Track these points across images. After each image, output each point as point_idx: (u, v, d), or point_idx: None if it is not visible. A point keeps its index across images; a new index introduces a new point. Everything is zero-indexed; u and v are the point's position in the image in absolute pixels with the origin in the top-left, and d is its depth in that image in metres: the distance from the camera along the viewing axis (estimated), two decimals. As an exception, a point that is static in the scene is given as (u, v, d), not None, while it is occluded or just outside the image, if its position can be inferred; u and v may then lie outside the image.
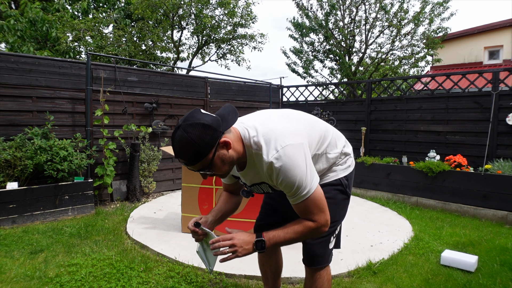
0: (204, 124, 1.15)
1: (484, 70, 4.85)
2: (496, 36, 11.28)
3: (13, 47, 7.31)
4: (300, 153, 1.24)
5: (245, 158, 1.31)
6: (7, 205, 3.47)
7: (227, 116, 1.23)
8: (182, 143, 1.15)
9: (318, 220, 1.29)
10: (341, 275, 2.54)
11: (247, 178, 1.41)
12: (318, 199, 1.28)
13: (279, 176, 1.23)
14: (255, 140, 1.27)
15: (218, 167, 1.24)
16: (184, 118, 1.18)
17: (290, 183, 1.23)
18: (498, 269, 2.67)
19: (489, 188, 4.10)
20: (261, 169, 1.30)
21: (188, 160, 1.18)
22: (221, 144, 1.21)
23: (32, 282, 2.33)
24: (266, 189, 1.42)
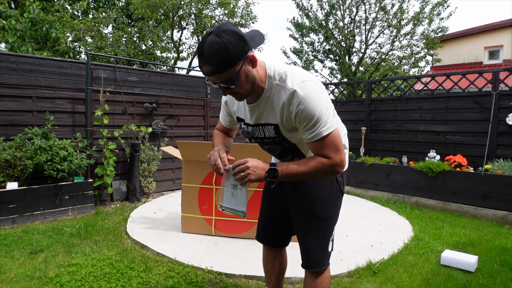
0: (237, 33, 1.11)
1: (484, 70, 4.85)
2: (496, 36, 11.28)
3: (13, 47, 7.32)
4: (322, 91, 1.25)
5: (262, 89, 1.28)
6: (7, 205, 3.47)
7: (254, 37, 1.21)
8: (213, 47, 1.09)
9: (334, 158, 1.25)
10: (341, 275, 2.54)
11: (254, 114, 1.37)
12: (336, 138, 1.25)
13: (300, 104, 1.20)
14: (280, 71, 1.26)
15: (242, 83, 1.19)
16: (216, 26, 1.13)
17: (311, 114, 1.20)
18: (498, 269, 2.67)
19: (489, 188, 4.10)
20: (276, 102, 1.27)
21: (216, 66, 1.11)
22: (248, 59, 1.17)
23: (32, 282, 2.33)
24: (269, 132, 1.37)
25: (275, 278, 1.86)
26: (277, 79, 1.26)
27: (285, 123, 1.30)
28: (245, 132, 1.44)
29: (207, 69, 1.14)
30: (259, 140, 1.46)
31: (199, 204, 3.33)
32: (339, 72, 9.73)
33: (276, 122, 1.33)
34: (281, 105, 1.26)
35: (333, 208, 1.54)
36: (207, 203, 3.31)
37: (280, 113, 1.28)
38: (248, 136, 1.45)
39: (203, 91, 5.97)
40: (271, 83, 1.27)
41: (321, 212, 1.50)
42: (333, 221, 1.55)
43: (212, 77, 1.16)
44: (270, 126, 1.35)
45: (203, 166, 3.27)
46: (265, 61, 1.30)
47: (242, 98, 1.28)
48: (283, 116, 1.28)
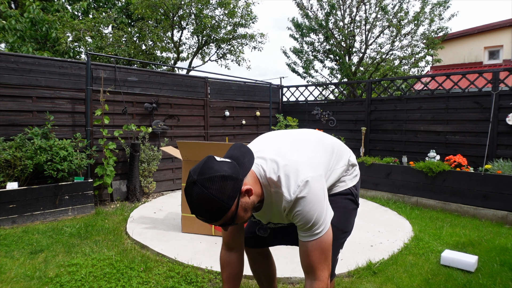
0: (223, 176, 1.05)
1: (484, 70, 4.85)
2: (496, 36, 11.28)
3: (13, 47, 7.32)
4: (320, 186, 1.20)
5: (263, 198, 1.25)
6: (7, 205, 3.47)
7: (243, 159, 1.15)
8: (201, 200, 1.04)
9: (323, 277, 1.22)
10: (341, 275, 2.54)
11: (263, 218, 1.38)
12: (327, 243, 1.23)
13: (298, 212, 1.18)
14: (273, 179, 1.19)
15: (241, 217, 1.16)
16: (199, 172, 1.06)
17: (308, 219, 1.18)
18: (498, 269, 2.67)
19: (489, 188, 4.10)
20: (278, 207, 1.24)
21: (210, 217, 1.07)
22: (243, 193, 1.12)
23: (32, 282, 2.33)
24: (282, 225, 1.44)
25: (266, 281, 1.83)
26: (273, 187, 1.21)
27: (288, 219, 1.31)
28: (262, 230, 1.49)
29: (204, 219, 1.10)
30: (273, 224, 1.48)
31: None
32: (339, 72, 9.73)
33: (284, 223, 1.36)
34: (282, 210, 1.24)
35: (349, 220, 1.55)
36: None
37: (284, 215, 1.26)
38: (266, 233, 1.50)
39: (203, 91, 5.97)
40: (269, 191, 1.23)
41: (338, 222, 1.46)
42: (348, 232, 1.56)
43: (211, 222, 1.13)
44: (280, 224, 1.40)
45: (203, 166, 3.26)
46: (253, 168, 1.22)
47: (246, 222, 1.31)
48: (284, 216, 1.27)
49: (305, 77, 10.01)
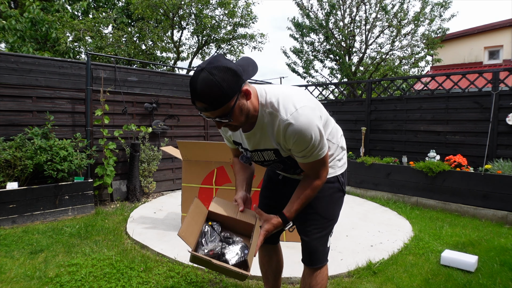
0: (229, 68, 1.10)
1: (484, 70, 4.85)
2: (496, 36, 11.28)
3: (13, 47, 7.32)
4: (316, 114, 1.26)
5: (256, 117, 1.28)
6: (7, 205, 3.47)
7: (248, 68, 1.19)
8: (205, 85, 1.08)
9: (322, 176, 1.37)
10: (341, 275, 2.54)
11: (251, 142, 1.38)
12: (326, 159, 1.34)
13: (296, 135, 1.21)
14: (271, 99, 1.25)
15: (236, 117, 1.19)
16: (208, 62, 1.12)
17: (306, 142, 1.23)
18: (498, 269, 2.67)
19: (489, 188, 4.10)
20: (270, 131, 1.28)
21: (210, 104, 1.11)
22: (242, 93, 1.17)
23: (32, 282, 2.33)
24: (269, 156, 1.40)
25: (272, 278, 1.87)
26: (269, 107, 1.25)
27: (283, 146, 1.33)
28: (244, 157, 1.48)
29: (200, 106, 1.13)
30: (259, 163, 1.48)
31: (199, 204, 3.32)
32: (339, 72, 9.74)
33: (274, 147, 1.35)
34: (276, 133, 1.27)
35: (336, 208, 1.59)
36: (207, 203, 3.31)
37: (276, 139, 1.30)
38: (247, 162, 1.50)
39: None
40: (264, 111, 1.27)
41: (323, 212, 1.54)
42: (334, 220, 1.60)
43: (206, 113, 1.16)
44: (269, 151, 1.38)
45: (203, 166, 3.27)
46: (256, 87, 1.29)
47: (237, 129, 1.29)
48: (280, 142, 1.30)
49: (305, 77, 10.02)
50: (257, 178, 3.17)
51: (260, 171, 3.11)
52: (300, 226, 1.59)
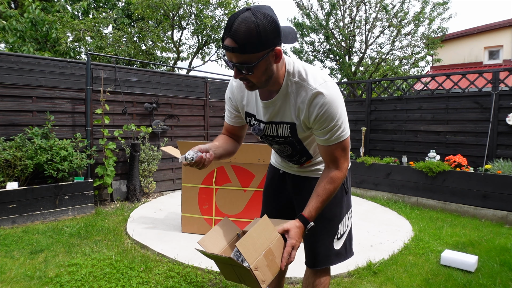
0: (275, 21, 1.04)
1: (484, 70, 4.85)
2: (496, 36, 11.28)
3: (13, 47, 7.32)
4: (340, 93, 1.23)
5: (280, 85, 1.21)
6: (7, 205, 3.47)
7: (288, 34, 1.13)
8: (244, 24, 1.01)
9: (343, 167, 1.27)
10: (341, 275, 2.54)
11: (268, 112, 1.29)
12: (348, 144, 1.27)
13: (322, 106, 1.16)
14: (299, 69, 1.20)
15: (259, 73, 1.10)
16: (256, 5, 1.06)
17: (332, 117, 1.17)
18: (498, 269, 2.67)
19: (489, 188, 4.10)
20: (293, 101, 1.21)
21: (240, 45, 1.02)
22: (274, 52, 1.08)
23: (32, 282, 2.33)
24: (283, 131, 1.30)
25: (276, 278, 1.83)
26: (296, 77, 1.20)
27: (302, 123, 1.25)
28: (257, 129, 1.36)
29: (229, 44, 1.04)
30: (270, 138, 1.38)
31: (199, 204, 3.33)
32: (339, 72, 9.74)
33: (292, 121, 1.26)
34: (299, 104, 1.21)
35: (338, 208, 1.52)
36: (207, 203, 3.31)
37: (297, 112, 1.23)
38: (259, 134, 1.37)
39: (203, 91, 5.97)
40: (289, 80, 1.21)
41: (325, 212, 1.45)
42: (337, 220, 1.53)
43: (231, 54, 1.06)
44: (285, 125, 1.28)
45: (203, 166, 3.26)
46: (285, 57, 1.22)
47: (252, 88, 1.19)
48: (301, 115, 1.23)
49: (305, 77, 10.01)
50: (257, 178, 3.17)
51: (260, 171, 3.12)
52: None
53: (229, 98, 1.43)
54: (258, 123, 1.35)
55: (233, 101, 1.42)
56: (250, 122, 1.39)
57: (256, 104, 1.33)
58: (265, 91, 1.26)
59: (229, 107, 1.45)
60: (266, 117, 1.31)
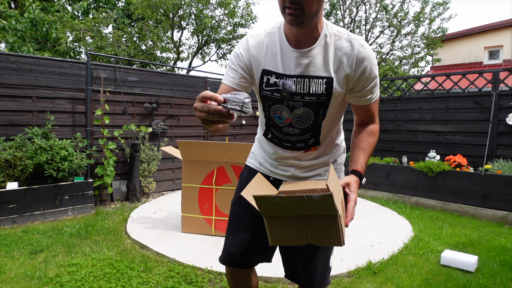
0: None
1: (484, 70, 4.85)
2: (496, 36, 11.28)
3: (13, 47, 7.32)
4: None
5: (319, 33, 1.11)
6: (7, 205, 3.47)
7: None
8: None
9: (378, 120, 1.28)
10: (341, 275, 2.54)
11: (302, 62, 1.12)
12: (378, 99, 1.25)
13: (367, 60, 1.11)
14: (334, 26, 1.16)
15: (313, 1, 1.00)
16: None
17: (375, 73, 1.14)
18: (498, 269, 2.67)
19: (489, 188, 4.10)
20: (333, 55, 1.12)
21: None
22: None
23: (32, 282, 2.33)
24: (318, 88, 1.14)
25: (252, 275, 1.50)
26: (334, 29, 1.13)
27: (343, 79, 1.13)
28: (286, 85, 1.15)
29: None
30: (296, 98, 1.16)
31: (199, 204, 3.33)
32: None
33: (330, 75, 1.13)
34: (342, 58, 1.11)
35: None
36: (207, 203, 3.31)
37: (337, 66, 1.12)
38: (289, 90, 1.15)
39: (203, 91, 5.96)
40: (327, 31, 1.12)
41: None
42: None
43: None
44: (321, 80, 1.13)
45: (203, 166, 3.27)
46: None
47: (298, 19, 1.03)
48: (342, 70, 1.12)
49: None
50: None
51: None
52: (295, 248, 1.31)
53: (239, 54, 1.21)
54: (286, 78, 1.15)
55: (244, 58, 1.20)
56: (269, 81, 1.17)
57: (282, 57, 1.15)
58: (301, 38, 1.11)
59: (236, 66, 1.21)
60: (298, 70, 1.13)
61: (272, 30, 1.19)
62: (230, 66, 1.23)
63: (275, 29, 1.19)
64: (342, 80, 1.13)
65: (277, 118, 1.23)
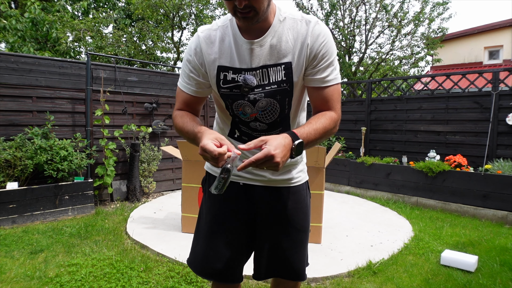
0: None
1: (484, 70, 4.85)
2: (496, 36, 11.28)
3: (13, 47, 7.32)
4: None
5: (271, 21, 1.08)
6: (7, 205, 3.47)
7: None
8: None
9: (338, 111, 1.13)
10: (341, 275, 2.54)
11: (258, 54, 1.09)
12: (340, 88, 1.15)
13: (323, 36, 1.07)
14: (287, 9, 1.13)
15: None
16: None
17: (332, 50, 1.09)
18: (498, 269, 2.67)
19: (489, 188, 4.10)
20: (287, 38, 1.08)
21: None
22: None
23: (32, 282, 2.33)
24: (276, 75, 1.10)
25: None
26: (288, 13, 1.10)
27: (303, 61, 1.09)
28: (249, 79, 1.10)
29: None
30: (257, 91, 1.11)
31: (199, 204, 3.32)
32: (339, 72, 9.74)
33: (288, 60, 1.09)
34: (296, 38, 1.08)
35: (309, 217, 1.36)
36: (207, 203, 3.31)
37: (293, 48, 1.09)
38: (251, 85, 1.10)
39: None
40: (280, 15, 1.09)
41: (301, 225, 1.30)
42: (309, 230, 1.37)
43: None
44: (280, 67, 1.09)
45: (203, 166, 3.26)
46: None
47: (253, 19, 1.01)
48: (297, 51, 1.09)
49: (305, 77, 10.01)
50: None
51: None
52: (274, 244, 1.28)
53: (190, 59, 1.16)
54: (244, 72, 1.10)
55: (197, 61, 1.15)
56: (227, 77, 1.12)
57: (237, 51, 1.10)
58: (253, 30, 1.08)
59: (190, 71, 1.17)
60: (256, 61, 1.09)
61: (224, 23, 1.13)
62: (185, 70, 1.19)
63: (226, 22, 1.13)
64: (301, 62, 1.09)
65: (241, 114, 1.17)
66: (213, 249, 1.26)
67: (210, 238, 1.28)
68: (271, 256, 1.29)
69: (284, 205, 1.26)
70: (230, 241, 1.26)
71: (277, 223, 1.27)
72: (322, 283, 2.43)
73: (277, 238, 1.27)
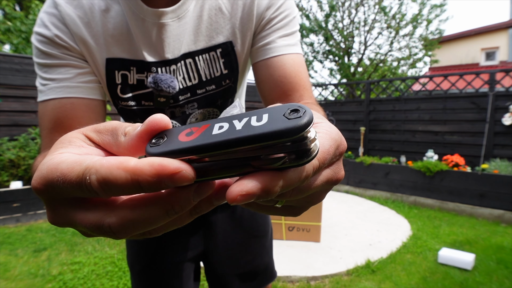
0: None
1: (481, 71, 4.90)
2: (493, 38, 11.37)
3: (17, 48, 7.35)
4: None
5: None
6: (11, 204, 3.50)
7: None
8: None
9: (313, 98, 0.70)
10: (340, 274, 2.58)
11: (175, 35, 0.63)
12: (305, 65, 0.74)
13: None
14: None
15: None
16: None
17: (292, 8, 0.69)
18: (495, 267, 2.71)
19: (486, 188, 4.15)
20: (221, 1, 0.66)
21: None
22: None
23: (36, 280, 2.37)
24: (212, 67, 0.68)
25: None
26: None
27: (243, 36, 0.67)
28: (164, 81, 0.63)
29: None
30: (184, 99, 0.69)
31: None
32: (339, 73, 9.79)
33: (227, 39, 0.67)
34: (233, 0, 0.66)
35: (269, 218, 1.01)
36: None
37: (231, 16, 0.66)
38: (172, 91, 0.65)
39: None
40: None
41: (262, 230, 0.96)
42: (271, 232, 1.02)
43: None
44: (214, 52, 0.67)
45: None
46: None
47: None
48: (238, 20, 0.66)
49: (304, 77, 10.06)
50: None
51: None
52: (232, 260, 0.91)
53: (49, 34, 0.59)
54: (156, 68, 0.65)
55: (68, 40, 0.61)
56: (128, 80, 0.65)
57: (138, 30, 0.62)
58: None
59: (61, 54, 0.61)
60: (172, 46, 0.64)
61: None
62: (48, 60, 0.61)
63: None
64: (248, 37, 0.68)
65: None
66: None
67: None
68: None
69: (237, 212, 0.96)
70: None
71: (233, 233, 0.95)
72: (322, 281, 2.48)
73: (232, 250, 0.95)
